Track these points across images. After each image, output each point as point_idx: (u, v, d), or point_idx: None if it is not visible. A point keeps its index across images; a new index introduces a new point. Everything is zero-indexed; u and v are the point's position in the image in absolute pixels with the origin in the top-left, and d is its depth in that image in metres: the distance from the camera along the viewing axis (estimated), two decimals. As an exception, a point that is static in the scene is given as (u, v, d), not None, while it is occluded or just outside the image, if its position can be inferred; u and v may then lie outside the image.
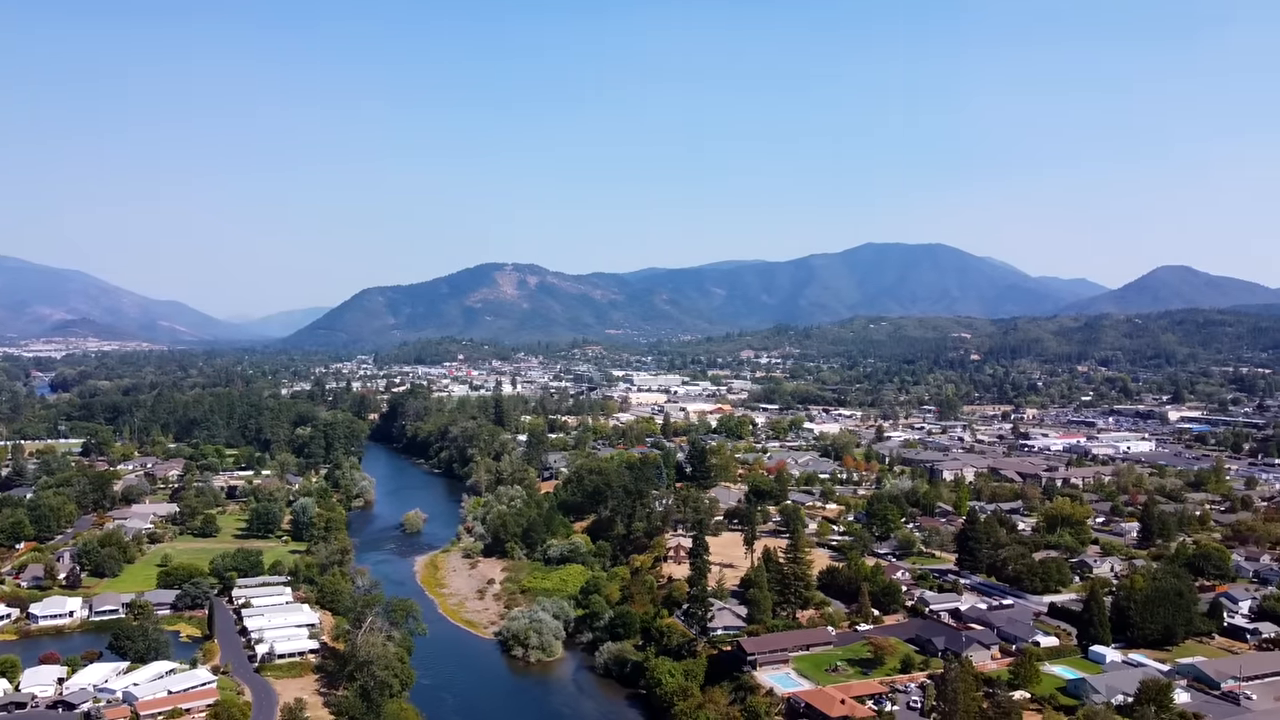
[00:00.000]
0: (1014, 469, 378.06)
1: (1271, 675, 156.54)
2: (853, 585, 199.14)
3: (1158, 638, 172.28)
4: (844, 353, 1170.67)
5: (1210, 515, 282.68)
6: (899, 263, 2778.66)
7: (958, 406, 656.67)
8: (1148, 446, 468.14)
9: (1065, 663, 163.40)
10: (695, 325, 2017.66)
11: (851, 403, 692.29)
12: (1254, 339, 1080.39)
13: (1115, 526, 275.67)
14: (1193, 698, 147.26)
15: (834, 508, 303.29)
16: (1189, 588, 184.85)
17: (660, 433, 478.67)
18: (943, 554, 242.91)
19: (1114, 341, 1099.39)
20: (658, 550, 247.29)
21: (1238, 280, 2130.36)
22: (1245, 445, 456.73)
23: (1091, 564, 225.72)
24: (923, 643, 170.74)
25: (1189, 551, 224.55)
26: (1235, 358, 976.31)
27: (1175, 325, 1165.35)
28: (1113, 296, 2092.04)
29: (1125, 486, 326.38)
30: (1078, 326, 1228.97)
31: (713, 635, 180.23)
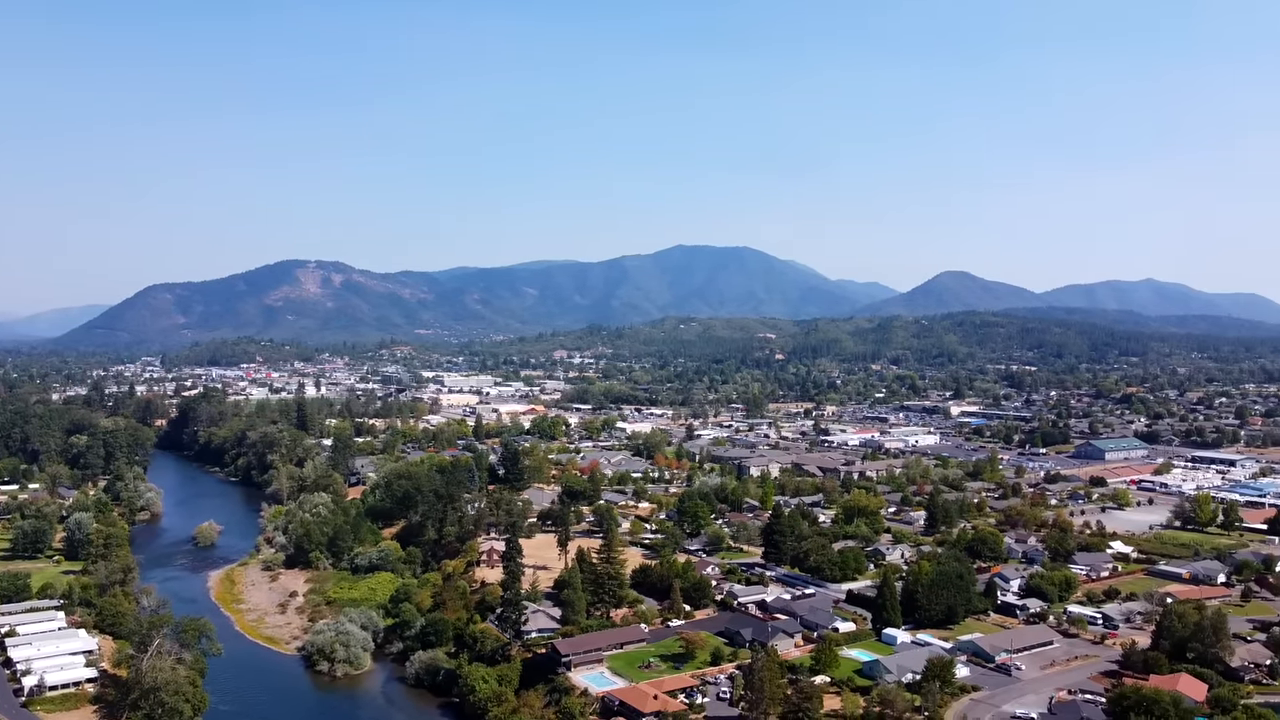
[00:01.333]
0: (815, 464, 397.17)
1: (1037, 646, 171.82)
2: (665, 582, 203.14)
3: (942, 618, 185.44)
4: (656, 353, 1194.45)
5: (986, 502, 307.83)
6: (708, 265, 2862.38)
7: (764, 405, 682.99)
8: (933, 440, 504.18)
9: (862, 646, 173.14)
10: (508, 325, 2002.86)
11: (663, 402, 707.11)
12: (1022, 339, 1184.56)
13: (905, 515, 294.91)
14: (971, 671, 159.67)
15: (646, 506, 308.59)
16: (968, 570, 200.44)
17: (472, 435, 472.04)
18: (750, 548, 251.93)
19: (904, 341, 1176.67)
20: (471, 554, 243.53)
21: (1009, 285, 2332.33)
22: (1015, 437, 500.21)
23: (885, 552, 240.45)
24: (732, 635, 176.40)
25: (968, 537, 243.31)
26: (1007, 356, 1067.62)
27: (956, 327, 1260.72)
28: (903, 299, 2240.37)
29: (914, 478, 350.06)
30: (872, 327, 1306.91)
31: (527, 638, 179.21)
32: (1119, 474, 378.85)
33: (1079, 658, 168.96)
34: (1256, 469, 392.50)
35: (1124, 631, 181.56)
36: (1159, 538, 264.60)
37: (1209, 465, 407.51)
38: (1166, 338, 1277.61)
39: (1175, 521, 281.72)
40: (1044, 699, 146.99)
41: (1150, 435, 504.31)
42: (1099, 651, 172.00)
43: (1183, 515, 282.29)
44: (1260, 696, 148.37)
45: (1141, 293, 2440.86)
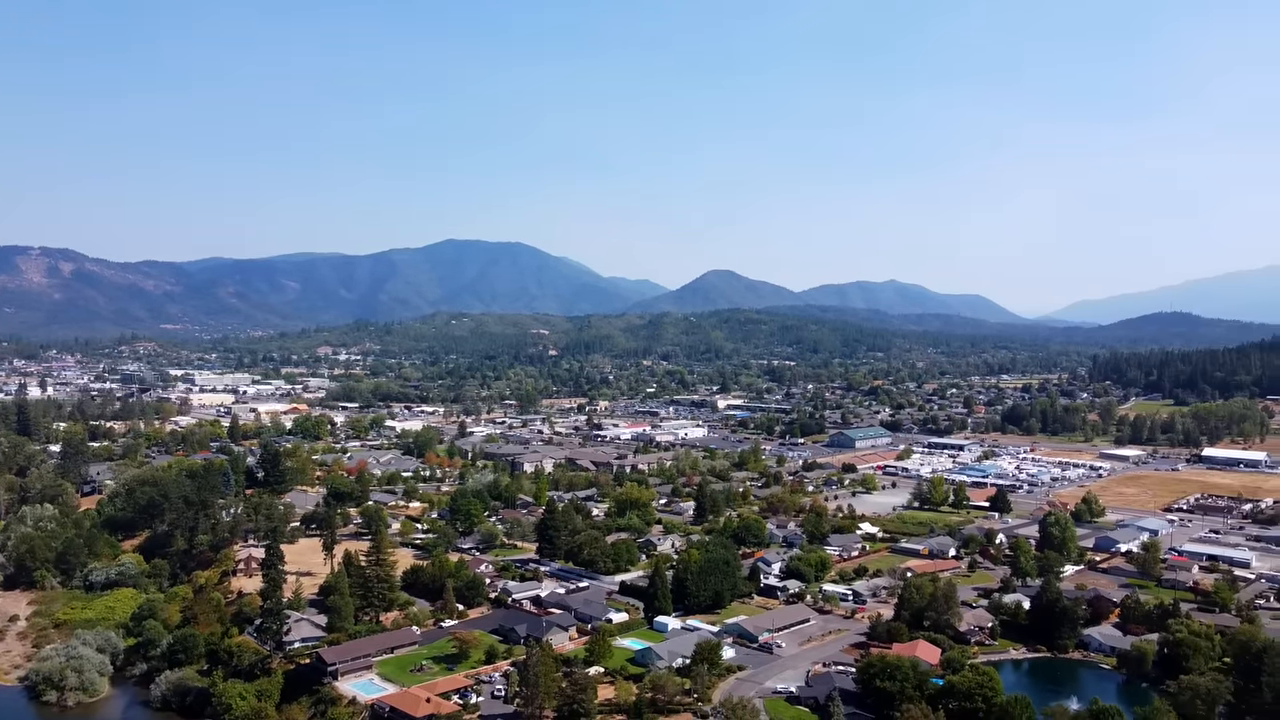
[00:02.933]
0: (589, 458, 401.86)
1: (796, 624, 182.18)
2: (438, 582, 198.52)
3: (710, 603, 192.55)
4: (427, 349, 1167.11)
5: (750, 491, 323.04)
6: (480, 260, 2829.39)
7: (537, 400, 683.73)
8: (701, 432, 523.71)
9: (635, 635, 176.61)
10: (267, 320, 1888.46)
11: (434, 399, 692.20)
12: (783, 336, 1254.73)
13: (675, 506, 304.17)
14: (737, 652, 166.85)
15: (418, 506, 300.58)
16: (734, 556, 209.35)
17: (228, 436, 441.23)
18: (524, 544, 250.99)
19: (674, 338, 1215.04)
20: (226, 564, 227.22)
21: (771, 284, 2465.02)
22: (776, 428, 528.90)
23: (656, 542, 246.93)
24: (506, 632, 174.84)
25: (734, 524, 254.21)
26: (769, 352, 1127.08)
27: (723, 324, 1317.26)
28: (673, 297, 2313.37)
29: (684, 470, 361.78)
30: (643, 324, 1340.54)
31: (290, 649, 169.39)
32: (867, 460, 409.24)
33: (832, 632, 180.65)
34: (980, 453, 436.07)
35: (871, 605, 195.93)
36: (901, 518, 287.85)
37: (942, 450, 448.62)
38: (907, 335, 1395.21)
39: (915, 502, 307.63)
40: (802, 673, 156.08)
41: (894, 424, 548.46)
42: (850, 625, 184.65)
43: (921, 496, 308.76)
44: (984, 656, 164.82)
45: (886, 293, 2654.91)
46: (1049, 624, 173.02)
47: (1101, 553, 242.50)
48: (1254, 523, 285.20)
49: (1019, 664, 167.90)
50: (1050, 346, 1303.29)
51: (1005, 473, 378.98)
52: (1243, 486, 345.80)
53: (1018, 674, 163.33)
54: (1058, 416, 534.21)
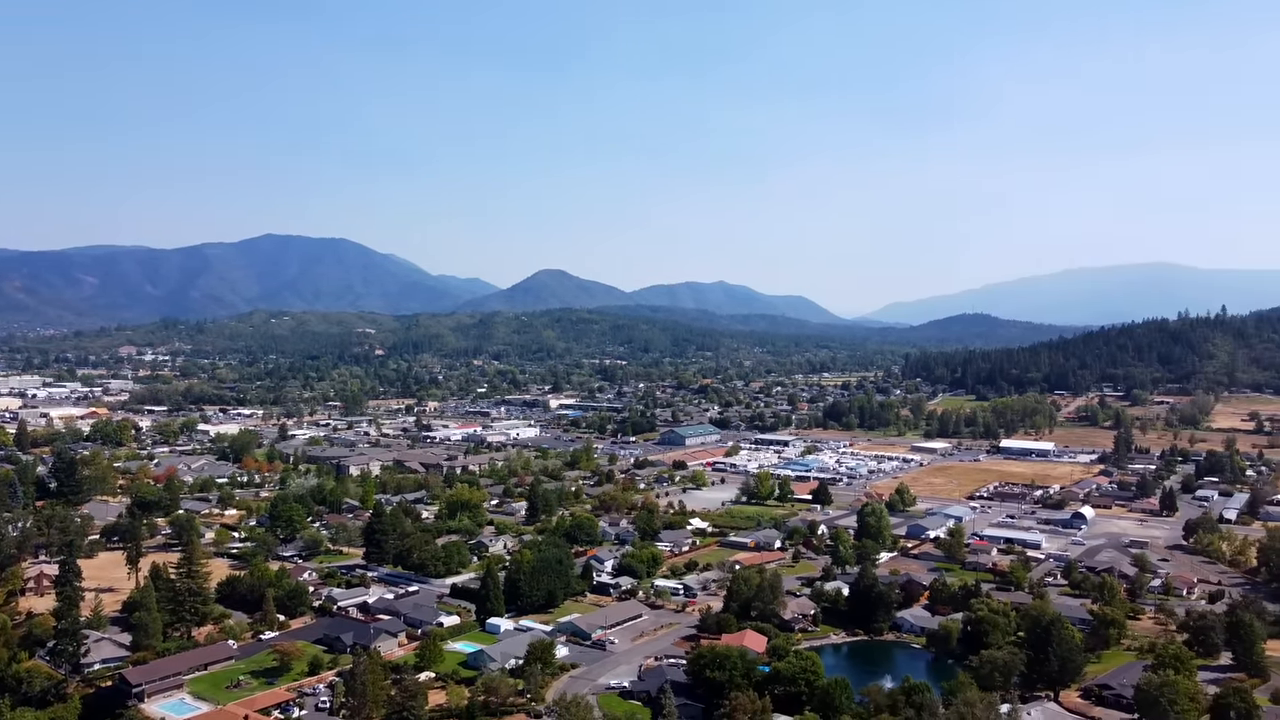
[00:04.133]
0: (418, 460, 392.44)
1: (629, 620, 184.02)
2: (256, 593, 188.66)
3: (544, 602, 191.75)
4: (244, 349, 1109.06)
5: (583, 489, 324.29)
6: (302, 256, 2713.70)
7: (363, 402, 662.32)
8: (534, 432, 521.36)
9: (466, 638, 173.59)
10: (60, 318, 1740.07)
11: (253, 401, 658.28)
12: (614, 335, 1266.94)
13: (507, 506, 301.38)
14: (571, 650, 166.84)
15: (234, 513, 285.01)
16: (567, 555, 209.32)
17: (14, 444, 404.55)
18: (351, 549, 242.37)
19: (505, 337, 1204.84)
20: (12, 583, 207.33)
21: (602, 284, 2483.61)
22: (609, 426, 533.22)
23: (488, 543, 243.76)
24: (331, 641, 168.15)
25: (567, 523, 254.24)
26: (601, 351, 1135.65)
27: (555, 323, 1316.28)
28: (503, 295, 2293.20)
29: (515, 470, 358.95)
30: (474, 323, 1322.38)
31: (89, 672, 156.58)
32: (697, 457, 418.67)
33: (664, 627, 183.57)
34: (803, 448, 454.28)
35: (702, 599, 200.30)
36: (730, 512, 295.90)
37: (768, 446, 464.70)
38: (735, 334, 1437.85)
39: (743, 497, 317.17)
40: (635, 668, 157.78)
41: (722, 421, 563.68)
42: (681, 619, 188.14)
43: (748, 491, 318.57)
44: (807, 642, 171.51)
45: (715, 293, 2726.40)
46: (866, 609, 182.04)
47: (913, 539, 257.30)
48: (1044, 507, 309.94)
49: (839, 648, 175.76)
50: (867, 346, 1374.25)
51: (827, 467, 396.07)
52: (1035, 474, 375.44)
53: (838, 657, 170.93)
54: (874, 412, 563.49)
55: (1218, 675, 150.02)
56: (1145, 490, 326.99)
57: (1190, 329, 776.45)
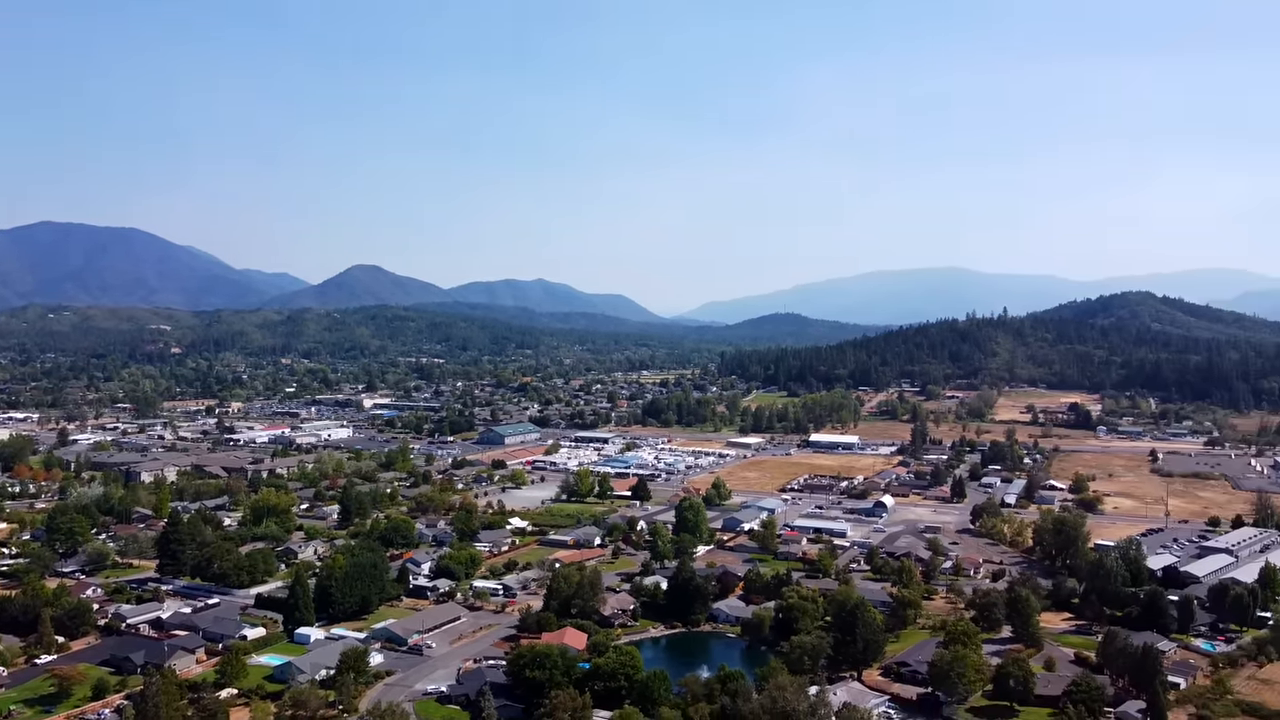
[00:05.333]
0: (220, 464, 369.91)
1: (447, 624, 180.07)
2: (30, 613, 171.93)
3: (357, 609, 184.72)
4: (16, 346, 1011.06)
5: (399, 491, 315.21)
6: (86, 246, 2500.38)
7: (157, 403, 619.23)
8: (346, 433, 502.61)
9: (274, 650, 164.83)
10: None
11: (27, 404, 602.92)
12: (432, 333, 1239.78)
13: (319, 511, 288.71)
14: (386, 657, 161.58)
15: (4, 527, 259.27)
16: (382, 559, 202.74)
17: None
18: (143, 562, 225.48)
19: (316, 335, 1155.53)
20: None
21: (419, 281, 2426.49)
22: (426, 426, 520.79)
23: (297, 550, 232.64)
24: (120, 662, 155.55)
25: (382, 526, 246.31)
26: (417, 349, 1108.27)
27: (369, 320, 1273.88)
28: (314, 291, 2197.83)
29: (327, 472, 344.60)
30: (282, 320, 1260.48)
31: None
32: (517, 456, 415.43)
33: (484, 628, 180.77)
34: (623, 445, 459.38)
35: (522, 598, 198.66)
36: (550, 511, 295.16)
37: (588, 444, 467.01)
38: (555, 332, 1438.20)
39: (563, 495, 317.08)
40: (453, 672, 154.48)
41: (542, 420, 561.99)
42: (501, 620, 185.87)
43: (569, 489, 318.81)
44: (627, 636, 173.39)
45: (535, 291, 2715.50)
46: (684, 601, 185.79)
47: (729, 532, 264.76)
48: (849, 497, 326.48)
49: (658, 641, 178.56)
50: (685, 344, 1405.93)
51: (645, 463, 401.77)
52: (841, 466, 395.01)
53: (657, 650, 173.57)
54: (691, 409, 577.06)
55: (1000, 647, 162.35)
56: (938, 479, 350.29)
57: (977, 329, 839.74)
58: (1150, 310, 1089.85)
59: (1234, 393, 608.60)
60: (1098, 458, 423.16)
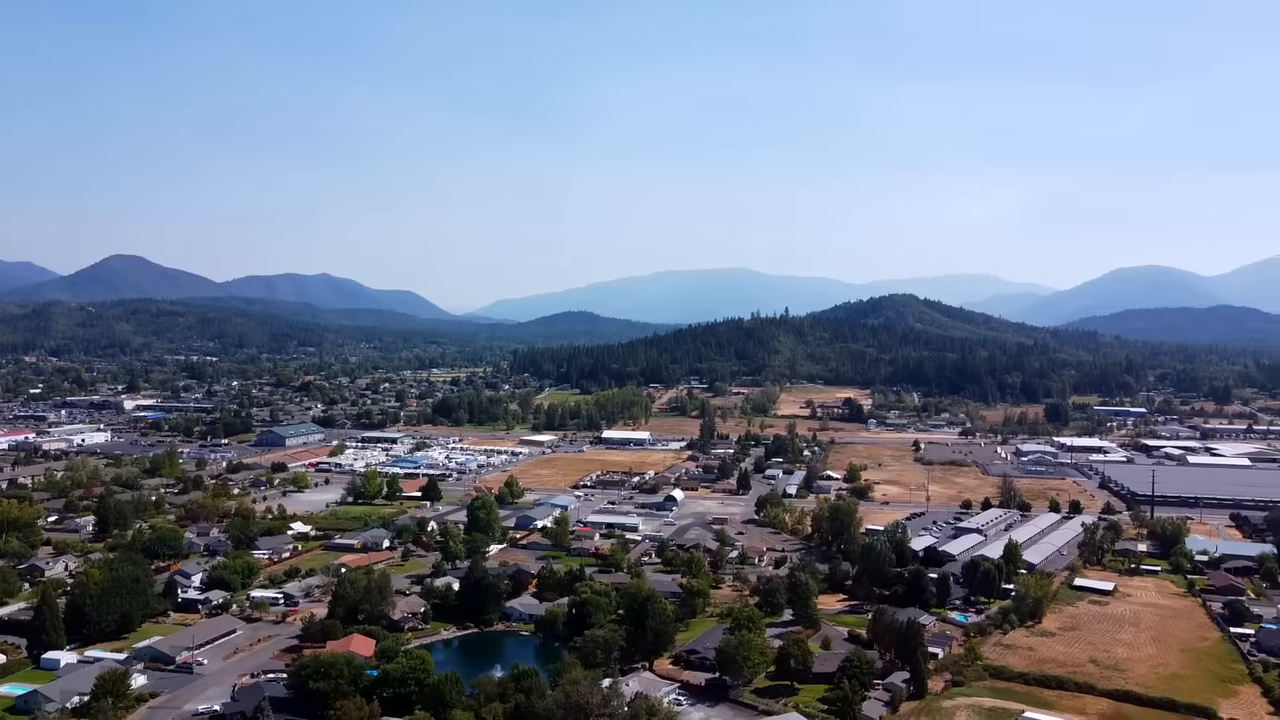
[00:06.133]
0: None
1: (221, 638, 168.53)
2: None
3: (117, 627, 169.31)
4: None
5: (166, 498, 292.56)
6: None
7: None
8: (104, 437, 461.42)
9: (15, 679, 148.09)
10: None
11: None
12: (203, 329, 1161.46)
13: (70, 523, 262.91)
14: (150, 678, 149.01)
15: None
16: (145, 572, 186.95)
17: None
18: None
19: (67, 330, 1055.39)
20: None
21: (190, 274, 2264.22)
22: (197, 429, 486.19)
23: (44, 567, 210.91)
24: None
25: (146, 537, 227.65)
26: (187, 347, 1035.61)
27: (130, 315, 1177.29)
28: (64, 283, 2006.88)
29: (80, 480, 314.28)
30: (25, 314, 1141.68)
31: None
32: (299, 458, 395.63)
33: (262, 640, 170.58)
34: (413, 444, 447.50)
35: (304, 606, 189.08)
36: (335, 514, 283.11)
37: (376, 444, 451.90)
38: (340, 329, 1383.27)
39: (349, 497, 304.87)
40: (228, 689, 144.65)
41: (327, 420, 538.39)
42: (281, 630, 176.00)
43: (355, 491, 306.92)
44: (418, 640, 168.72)
45: (319, 286, 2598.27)
46: (477, 601, 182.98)
47: (522, 530, 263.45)
48: (641, 492, 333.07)
49: (450, 643, 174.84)
50: (476, 341, 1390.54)
51: (436, 462, 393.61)
52: (633, 462, 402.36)
53: (449, 652, 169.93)
54: (483, 407, 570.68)
55: (782, 630, 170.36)
56: (725, 472, 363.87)
57: (761, 328, 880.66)
58: (914, 311, 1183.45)
59: (983, 387, 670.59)
60: (869, 448, 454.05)
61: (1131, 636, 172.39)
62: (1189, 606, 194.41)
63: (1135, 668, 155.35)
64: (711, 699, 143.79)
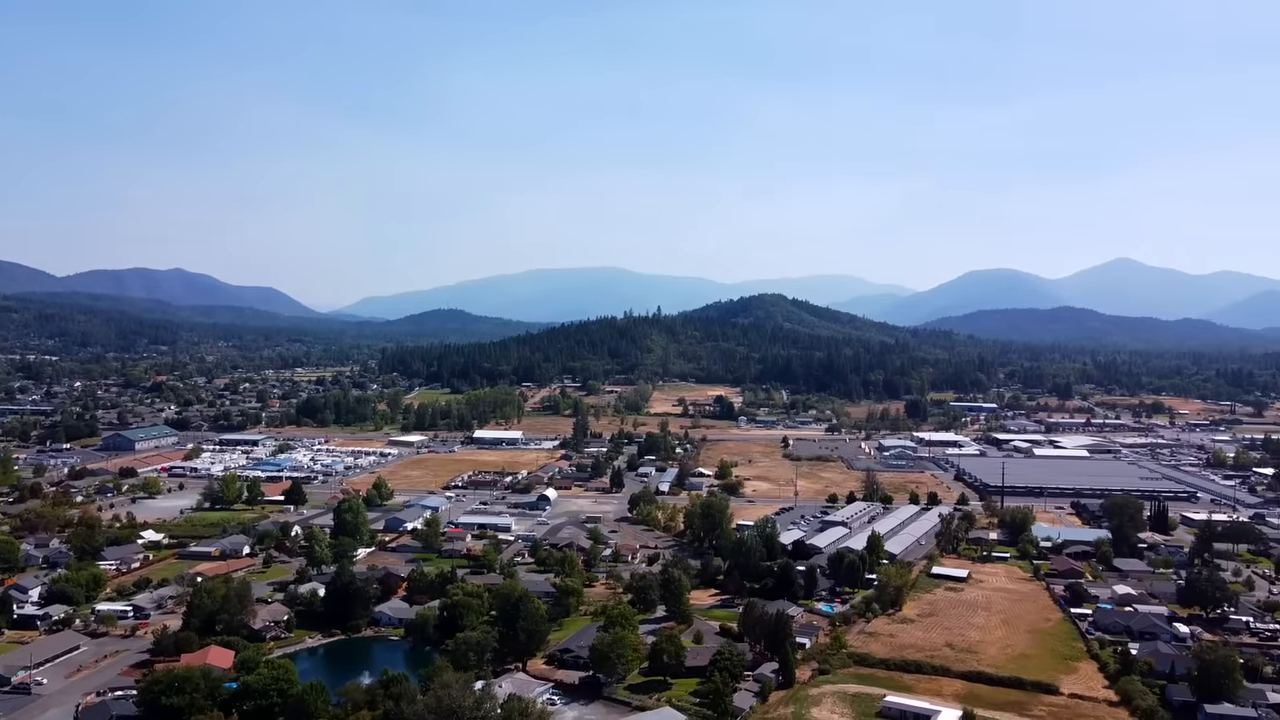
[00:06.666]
0: None
1: (63, 655, 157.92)
2: None
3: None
4: None
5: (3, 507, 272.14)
6: None
7: None
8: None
9: None
10: None
11: None
12: (42, 326, 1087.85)
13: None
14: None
15: None
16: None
17: None
18: None
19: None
20: None
21: (26, 267, 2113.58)
22: (34, 433, 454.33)
23: None
24: None
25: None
26: (23, 345, 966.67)
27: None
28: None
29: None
30: None
31: None
32: (150, 462, 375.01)
33: (109, 656, 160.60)
34: (275, 447, 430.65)
35: (156, 618, 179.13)
36: (191, 520, 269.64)
37: (235, 447, 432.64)
38: (195, 327, 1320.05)
39: (206, 503, 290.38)
40: (71, 709, 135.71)
41: (181, 422, 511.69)
42: (131, 644, 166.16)
43: (213, 496, 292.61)
44: (280, 650, 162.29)
45: (171, 282, 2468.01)
46: (344, 607, 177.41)
47: (391, 533, 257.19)
48: (514, 492, 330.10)
49: (315, 651, 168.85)
50: (343, 340, 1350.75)
51: (301, 465, 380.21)
52: (506, 462, 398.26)
53: (314, 661, 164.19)
54: (351, 407, 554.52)
55: (655, 626, 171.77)
56: (599, 470, 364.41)
57: (635, 326, 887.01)
58: (783, 311, 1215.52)
59: (849, 385, 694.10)
60: (740, 445, 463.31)
61: (984, 620, 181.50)
62: (1035, 590, 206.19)
63: (987, 649, 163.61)
64: (585, 697, 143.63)
